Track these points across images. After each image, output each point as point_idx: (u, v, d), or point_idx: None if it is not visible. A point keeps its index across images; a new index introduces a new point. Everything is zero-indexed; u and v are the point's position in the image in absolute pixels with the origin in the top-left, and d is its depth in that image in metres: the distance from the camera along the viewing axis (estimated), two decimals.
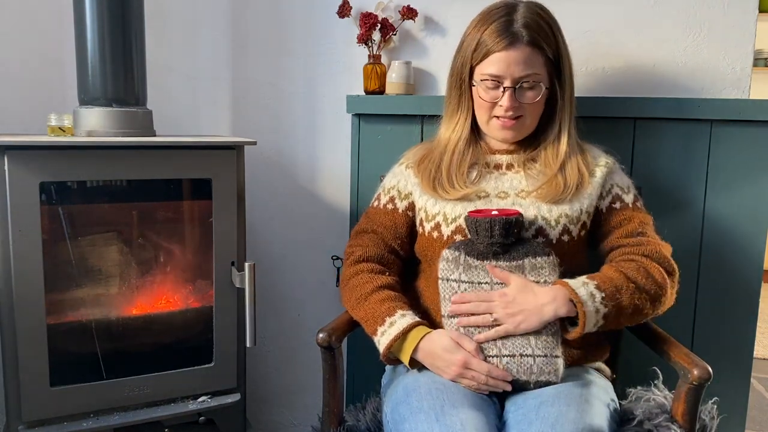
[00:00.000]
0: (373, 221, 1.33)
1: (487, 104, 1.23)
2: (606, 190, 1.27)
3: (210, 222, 1.45)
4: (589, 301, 1.10)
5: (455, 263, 1.16)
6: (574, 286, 1.12)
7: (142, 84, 1.48)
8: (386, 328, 1.16)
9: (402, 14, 1.61)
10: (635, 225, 1.24)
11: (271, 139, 1.80)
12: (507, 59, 1.19)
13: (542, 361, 1.09)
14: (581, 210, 1.22)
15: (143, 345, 1.47)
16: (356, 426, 1.21)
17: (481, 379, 1.10)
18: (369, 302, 1.20)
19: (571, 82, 1.27)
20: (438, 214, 1.24)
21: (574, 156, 1.25)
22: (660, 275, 1.17)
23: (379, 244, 1.31)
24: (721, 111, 1.46)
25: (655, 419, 1.11)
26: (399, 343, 1.15)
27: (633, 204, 1.28)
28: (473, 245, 1.16)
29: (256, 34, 1.78)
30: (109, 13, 1.39)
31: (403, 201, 1.32)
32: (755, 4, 1.50)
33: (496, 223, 1.12)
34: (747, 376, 1.54)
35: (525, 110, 1.23)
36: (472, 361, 1.10)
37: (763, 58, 4.13)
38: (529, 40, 1.18)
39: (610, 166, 1.29)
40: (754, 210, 1.49)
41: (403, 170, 1.34)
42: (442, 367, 1.13)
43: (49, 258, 1.31)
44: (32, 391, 1.31)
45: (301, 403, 1.92)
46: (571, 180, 1.22)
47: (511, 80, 1.19)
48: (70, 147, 1.31)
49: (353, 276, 1.27)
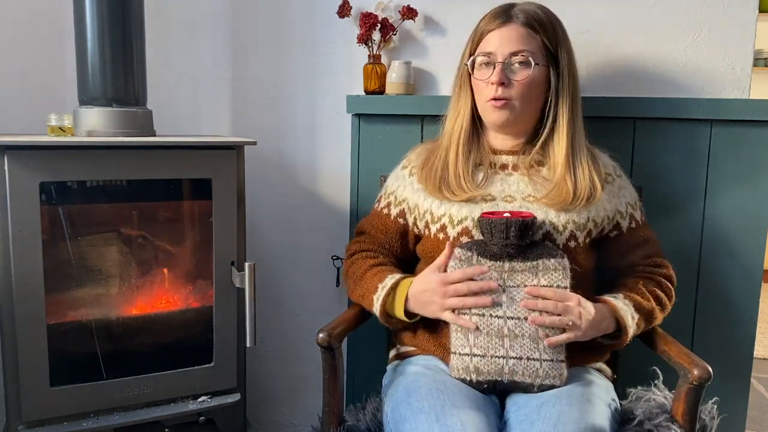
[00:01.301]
0: (370, 223, 1.38)
1: (482, 85, 1.23)
2: (623, 212, 1.28)
3: (210, 222, 1.45)
4: (632, 325, 1.17)
5: (467, 263, 1.15)
6: (622, 310, 1.17)
7: (142, 84, 1.48)
8: (379, 293, 1.22)
9: (402, 14, 1.61)
10: (650, 247, 1.30)
11: (271, 139, 1.80)
12: (500, 36, 1.21)
13: (548, 366, 1.10)
14: (588, 218, 1.22)
15: (143, 345, 1.47)
16: (356, 426, 1.21)
17: (461, 290, 1.13)
18: (364, 280, 1.27)
19: (573, 79, 1.25)
20: (444, 216, 1.24)
21: (584, 162, 1.23)
22: (671, 293, 1.27)
23: (374, 243, 1.36)
24: (721, 111, 1.46)
25: (655, 419, 1.12)
26: (391, 300, 1.21)
27: (641, 220, 1.31)
28: (486, 246, 1.15)
29: (256, 34, 1.78)
30: (109, 13, 1.39)
31: (395, 208, 1.33)
32: (755, 4, 1.51)
33: (512, 225, 1.11)
34: (747, 376, 1.54)
35: (515, 91, 1.21)
36: (446, 277, 1.15)
37: (763, 58, 4.14)
38: (524, 21, 1.20)
39: (620, 182, 1.30)
40: (754, 210, 1.49)
41: (406, 175, 1.34)
42: (429, 303, 1.17)
43: (49, 258, 1.31)
44: (32, 391, 1.31)
45: (301, 403, 1.92)
46: (581, 190, 1.21)
47: (502, 56, 1.20)
48: (70, 147, 1.31)
49: (350, 265, 1.35)
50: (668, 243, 1.38)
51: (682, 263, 1.51)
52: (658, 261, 1.30)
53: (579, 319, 1.11)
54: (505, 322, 1.11)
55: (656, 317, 1.23)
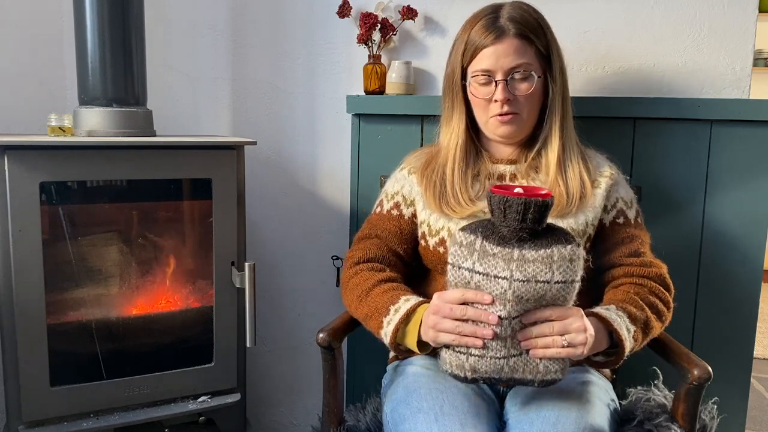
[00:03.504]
0: (377, 227, 1.29)
1: (483, 102, 1.21)
2: (611, 204, 1.24)
3: (210, 222, 1.45)
4: (628, 339, 1.07)
5: (469, 249, 0.98)
6: (616, 323, 1.06)
7: (142, 84, 1.49)
8: (391, 316, 1.10)
9: (402, 14, 1.61)
10: (637, 245, 1.22)
11: (271, 139, 1.80)
12: (496, 53, 1.17)
13: (549, 361, 0.99)
14: (587, 223, 1.20)
15: (143, 345, 1.47)
16: (356, 426, 1.21)
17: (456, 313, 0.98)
18: (371, 297, 1.16)
19: (564, 79, 1.24)
20: (443, 230, 1.21)
21: (574, 161, 1.22)
22: (666, 299, 1.18)
23: (382, 248, 1.26)
24: (721, 111, 1.46)
25: (655, 419, 1.11)
26: (404, 327, 1.09)
27: (635, 220, 1.26)
28: (494, 228, 0.98)
29: (256, 34, 1.78)
30: (109, 13, 1.39)
31: (409, 207, 1.28)
32: (755, 4, 1.51)
33: (530, 205, 0.93)
34: (747, 376, 1.54)
35: (520, 104, 1.20)
36: (443, 294, 1.01)
37: (763, 58, 4.14)
38: (516, 32, 1.17)
39: (615, 177, 1.26)
40: (754, 210, 1.49)
41: (406, 175, 1.31)
42: (430, 330, 1.02)
43: (49, 258, 1.31)
44: (32, 391, 1.31)
45: (301, 403, 1.92)
46: (573, 188, 1.19)
47: (502, 72, 1.18)
48: (70, 147, 1.31)
49: (353, 276, 1.23)
50: (668, 243, 1.38)
51: (682, 263, 1.51)
52: (647, 261, 1.20)
53: (583, 335, 0.98)
54: (507, 361, 0.99)
55: (653, 327, 1.12)
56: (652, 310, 1.14)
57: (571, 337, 0.97)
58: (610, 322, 1.06)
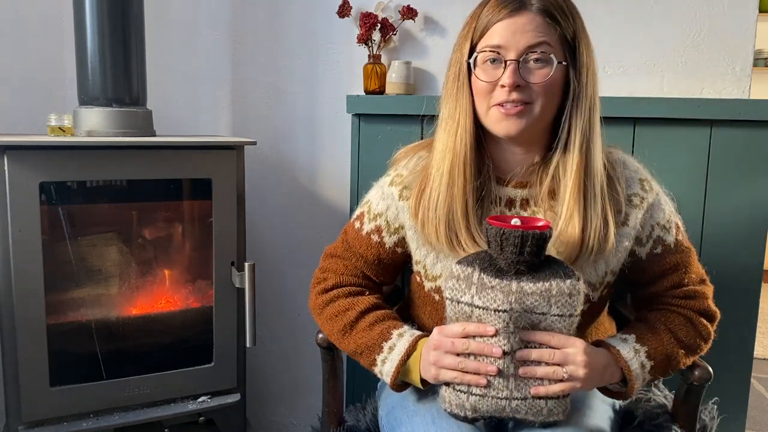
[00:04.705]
0: (353, 247, 1.13)
1: (487, 87, 0.96)
2: (646, 235, 1.04)
3: (210, 222, 1.45)
4: (640, 374, 0.99)
5: (467, 282, 0.94)
6: (627, 358, 0.98)
7: (142, 84, 1.48)
8: (386, 354, 1.02)
9: (402, 14, 1.61)
10: (680, 275, 1.06)
11: (271, 139, 1.80)
12: (512, 26, 0.94)
13: (553, 404, 0.95)
14: (606, 272, 1.03)
15: (143, 345, 1.47)
16: (356, 426, 1.21)
17: (458, 347, 0.93)
18: (356, 331, 1.06)
19: (592, 79, 0.99)
20: (440, 277, 1.06)
21: (598, 191, 0.98)
22: (706, 333, 1.06)
23: (357, 274, 1.13)
24: (721, 111, 1.46)
25: (655, 420, 1.11)
26: (404, 367, 1.01)
27: (675, 243, 1.06)
28: (491, 260, 0.94)
29: (256, 34, 1.78)
30: (109, 13, 1.39)
31: (392, 236, 1.10)
32: (755, 4, 1.51)
33: (528, 238, 0.89)
34: (747, 376, 1.54)
35: (533, 94, 0.95)
36: (443, 329, 0.95)
37: (763, 58, 4.14)
38: (540, 7, 0.94)
39: (649, 202, 1.04)
40: (754, 210, 1.49)
41: (395, 196, 1.09)
42: (426, 364, 0.97)
43: (49, 258, 1.31)
44: (32, 391, 1.31)
45: (301, 403, 1.92)
46: (591, 233, 0.97)
47: (516, 51, 0.93)
48: (70, 147, 1.31)
49: (327, 304, 1.11)
50: None
51: None
52: (691, 291, 1.05)
53: (585, 370, 0.92)
54: (509, 402, 0.94)
55: (679, 362, 1.02)
56: (680, 345, 1.03)
57: (572, 370, 0.91)
58: (620, 356, 0.98)
